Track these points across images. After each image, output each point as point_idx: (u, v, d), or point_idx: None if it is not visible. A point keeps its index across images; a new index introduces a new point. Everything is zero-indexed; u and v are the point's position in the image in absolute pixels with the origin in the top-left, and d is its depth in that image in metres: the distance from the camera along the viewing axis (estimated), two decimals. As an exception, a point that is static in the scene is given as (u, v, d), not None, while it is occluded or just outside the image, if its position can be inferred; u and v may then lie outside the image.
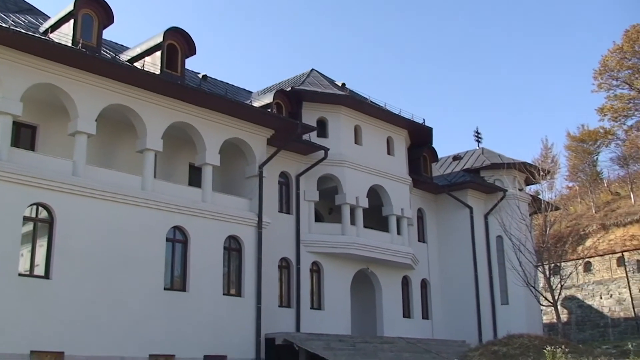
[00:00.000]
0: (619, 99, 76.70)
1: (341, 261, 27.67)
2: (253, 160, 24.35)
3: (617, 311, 40.30)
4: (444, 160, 37.03)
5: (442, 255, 33.02)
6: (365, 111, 29.37)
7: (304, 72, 31.16)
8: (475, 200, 33.28)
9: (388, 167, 29.79)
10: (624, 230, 51.39)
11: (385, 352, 24.53)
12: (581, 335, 39.77)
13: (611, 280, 41.67)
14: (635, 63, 75.38)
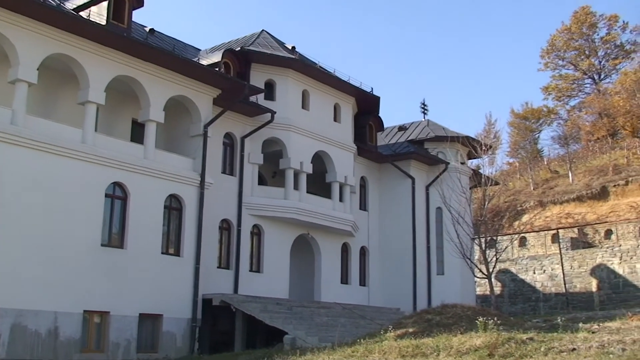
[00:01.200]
0: (564, 79, 78.20)
1: (282, 225, 27.67)
2: (198, 119, 24.02)
3: (548, 286, 41.43)
4: (389, 130, 37.18)
5: (383, 224, 33.32)
6: (313, 76, 29.20)
7: (255, 32, 30.75)
8: (417, 172, 33.59)
9: (334, 134, 29.79)
10: (560, 208, 52.73)
11: (321, 316, 24.77)
12: (513, 308, 40.82)
13: (545, 256, 42.78)
14: (581, 44, 76.76)
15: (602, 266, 40.01)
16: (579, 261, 40.98)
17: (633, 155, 56.98)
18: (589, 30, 76.30)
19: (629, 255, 39.32)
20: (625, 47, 76.32)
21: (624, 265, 39.22)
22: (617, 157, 58.12)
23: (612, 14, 76.07)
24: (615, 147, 62.34)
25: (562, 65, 78.73)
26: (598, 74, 77.61)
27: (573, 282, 40.54)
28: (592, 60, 76.69)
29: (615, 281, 39.23)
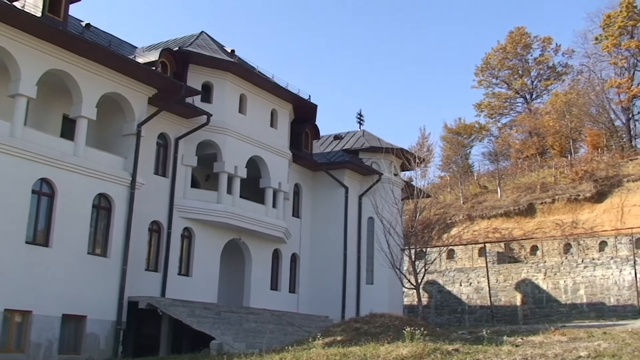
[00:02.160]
0: (497, 97, 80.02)
1: (214, 229, 27.40)
2: (132, 118, 23.60)
3: (474, 299, 42.17)
4: (325, 139, 37.32)
5: (315, 232, 33.35)
6: (252, 80, 29.08)
7: (194, 33, 30.44)
8: (351, 181, 33.79)
9: (270, 140, 29.71)
10: (488, 222, 53.79)
11: (249, 322, 24.60)
12: (439, 319, 41.37)
13: (472, 269, 43.53)
14: (515, 64, 78.73)
15: (527, 281, 40.97)
16: (505, 275, 41.86)
17: (560, 174, 58.58)
18: (523, 50, 78.37)
19: (553, 272, 40.38)
20: (557, 69, 78.70)
21: (548, 281, 40.24)
22: (545, 176, 59.67)
23: (546, 36, 78.39)
24: (543, 165, 63.98)
25: (495, 84, 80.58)
26: (530, 94, 79.69)
27: (498, 296, 41.38)
28: (524, 80, 78.72)
29: (539, 296, 40.21)
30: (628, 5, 68.16)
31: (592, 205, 52.07)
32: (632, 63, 69.55)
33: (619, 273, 38.49)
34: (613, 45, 68.53)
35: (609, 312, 37.34)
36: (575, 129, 68.40)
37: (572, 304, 39.11)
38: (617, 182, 53.41)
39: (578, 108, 67.97)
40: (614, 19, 68.79)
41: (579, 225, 50.10)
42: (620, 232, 45.19)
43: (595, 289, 38.83)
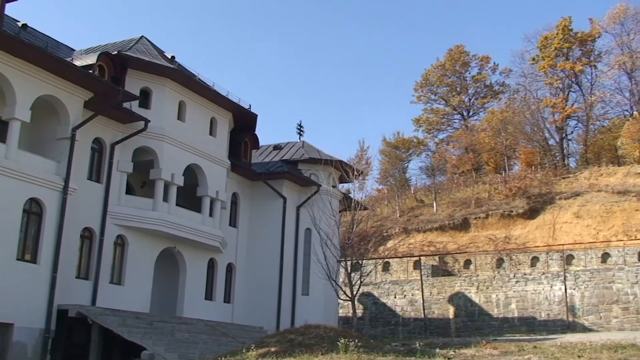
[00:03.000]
0: (435, 112, 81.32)
1: (148, 237, 26.92)
2: (67, 122, 23.04)
3: (408, 311, 42.54)
4: (264, 149, 37.20)
5: (251, 242, 33.11)
6: (192, 88, 28.78)
7: (134, 37, 30.00)
8: (289, 191, 33.73)
9: (208, 148, 29.43)
10: (424, 236, 54.46)
11: (182, 332, 24.22)
12: (373, 330, 41.56)
13: (406, 282, 43.95)
14: (453, 81, 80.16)
15: (460, 294, 41.57)
16: (439, 288, 42.39)
17: (494, 190, 59.77)
18: (461, 68, 79.91)
19: (485, 285, 41.07)
20: (494, 87, 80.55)
21: (480, 295, 40.90)
22: (480, 191, 60.81)
23: (484, 55, 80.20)
24: (478, 181, 65.18)
25: (434, 100, 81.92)
26: (467, 111, 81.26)
27: (432, 308, 41.85)
28: (462, 97, 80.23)
29: (471, 309, 40.82)
30: (564, 27, 70.25)
31: (524, 221, 53.28)
32: (567, 84, 71.63)
33: (549, 288, 39.39)
34: (549, 66, 70.50)
35: (539, 327, 38.16)
36: (510, 146, 70.01)
37: (504, 317, 39.83)
38: (550, 199, 54.80)
39: (513, 126, 69.61)
40: (551, 41, 70.79)
41: (511, 240, 51.17)
42: (551, 248, 46.33)
43: (526, 304, 39.64)
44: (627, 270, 38.24)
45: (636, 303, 37.01)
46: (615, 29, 70.14)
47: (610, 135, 68.00)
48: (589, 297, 38.24)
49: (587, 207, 52.20)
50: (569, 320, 38.05)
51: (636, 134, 62.69)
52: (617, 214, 50.32)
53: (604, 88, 71.03)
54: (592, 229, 49.91)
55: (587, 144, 69.68)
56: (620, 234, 47.96)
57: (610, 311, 37.43)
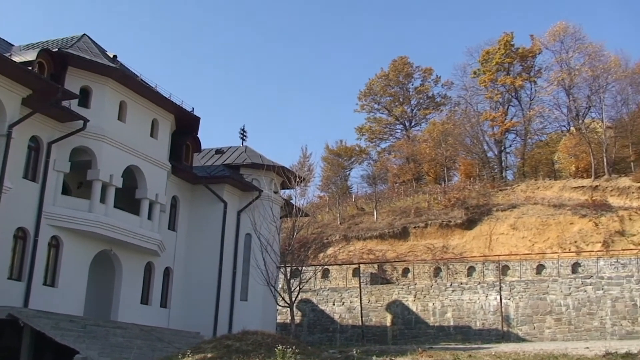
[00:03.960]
0: (378, 122, 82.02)
1: (84, 239, 26.31)
2: (3, 119, 22.35)
3: (346, 318, 42.67)
4: (206, 152, 36.84)
5: (190, 246, 32.66)
6: (133, 88, 28.31)
7: (75, 35, 29.37)
8: (231, 196, 33.46)
9: (149, 150, 28.97)
10: (363, 243, 54.75)
11: (116, 337, 23.73)
12: (311, 337, 41.55)
13: (345, 289, 44.09)
14: (397, 92, 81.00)
15: (398, 302, 41.91)
16: (377, 296, 42.66)
17: (434, 200, 60.54)
18: (405, 79, 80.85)
19: (422, 294, 41.51)
20: (436, 99, 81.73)
21: (417, 303, 41.30)
22: (420, 201, 61.52)
23: (427, 67, 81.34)
24: (418, 191, 65.92)
25: (377, 109, 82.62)
26: (409, 121, 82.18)
27: (369, 316, 42.07)
28: (404, 108, 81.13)
29: (408, 317, 41.20)
30: (506, 43, 71.77)
31: (462, 231, 54.10)
32: (507, 98, 73.19)
33: (485, 298, 40.05)
34: (490, 80, 71.89)
35: (474, 336, 38.73)
36: (450, 157, 71.05)
37: (440, 326, 40.32)
38: (487, 210, 55.80)
39: (454, 138, 70.71)
40: (492, 55, 72.22)
41: (449, 250, 51.87)
42: (487, 259, 47.14)
43: (462, 313, 40.20)
44: (561, 282, 39.16)
45: (569, 314, 37.92)
46: (555, 46, 72.09)
47: (548, 149, 69.68)
48: (523, 308, 39.00)
49: (523, 219, 53.31)
50: (503, 330, 38.74)
51: (572, 149, 64.38)
52: (552, 226, 51.54)
53: (543, 103, 72.87)
54: (527, 240, 50.99)
55: (525, 157, 71.22)
56: (555, 246, 49.11)
57: (543, 322, 38.27)
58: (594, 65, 68.00)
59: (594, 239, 48.94)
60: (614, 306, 37.32)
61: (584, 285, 38.42)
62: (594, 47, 69.69)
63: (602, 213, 51.73)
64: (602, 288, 37.96)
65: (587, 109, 70.48)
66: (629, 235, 48.79)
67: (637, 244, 46.84)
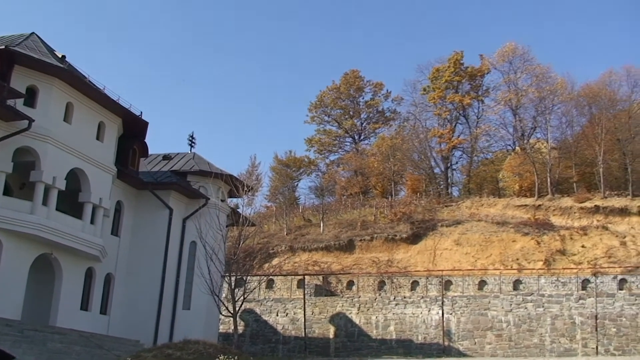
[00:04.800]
0: (327, 134, 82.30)
1: (25, 241, 25.63)
2: (-57, 115, 21.77)
3: (289, 329, 42.49)
4: (153, 158, 36.37)
5: (133, 252, 32.10)
6: (81, 89, 27.82)
7: (24, 33, 28.75)
8: (177, 203, 33.07)
9: (94, 153, 28.48)
10: (309, 255, 54.71)
11: (54, 342, 23.21)
12: (253, 348, 41.22)
13: (289, 300, 43.93)
14: (347, 104, 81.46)
15: (341, 314, 41.94)
16: (321, 308, 42.62)
17: (380, 214, 60.88)
18: (355, 92, 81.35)
19: (366, 307, 41.63)
20: (386, 114, 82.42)
21: (360, 316, 41.40)
22: (366, 214, 61.81)
23: (378, 82, 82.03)
24: (365, 204, 66.21)
25: (327, 121, 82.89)
26: (358, 135, 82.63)
27: (313, 328, 41.98)
28: (354, 121, 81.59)
29: (351, 330, 41.25)
30: (456, 61, 72.88)
31: (407, 245, 54.53)
32: (455, 116, 74.22)
33: (427, 312, 40.37)
34: (439, 97, 72.85)
35: (415, 350, 39.00)
36: (397, 172, 71.67)
37: (382, 339, 40.47)
38: (432, 226, 56.39)
39: (402, 153, 71.39)
40: (442, 73, 73.25)
41: (394, 263, 52.19)
42: (431, 273, 47.57)
43: (404, 326, 40.43)
44: (502, 298, 39.74)
45: (509, 330, 38.48)
46: (503, 67, 73.40)
47: (493, 167, 70.82)
48: (464, 323, 39.43)
49: (467, 235, 54.02)
50: (444, 344, 39.08)
51: (517, 168, 65.59)
52: (495, 243, 52.33)
53: (489, 122, 74.03)
54: (470, 256, 51.64)
55: (470, 174, 72.26)
56: (497, 262, 49.84)
57: (484, 337, 38.75)
58: (540, 86, 69.42)
59: (535, 257, 49.84)
60: (554, 324, 38.04)
61: (525, 302, 39.07)
62: (542, 68, 71.22)
63: (544, 232, 52.77)
64: (542, 305, 38.66)
65: (533, 129, 71.90)
66: (570, 255, 49.83)
67: (577, 263, 47.86)
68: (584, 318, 37.71)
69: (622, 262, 47.45)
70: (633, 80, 66.21)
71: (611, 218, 54.96)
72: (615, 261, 47.80)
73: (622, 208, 55.63)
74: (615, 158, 63.57)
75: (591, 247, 50.44)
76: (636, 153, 61.54)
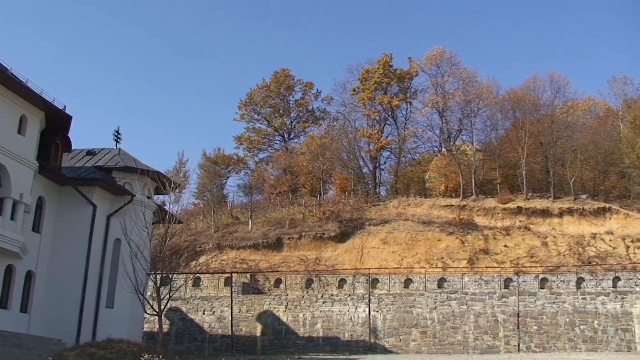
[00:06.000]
0: (257, 132, 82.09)
1: (-62, 238, 24.71)
2: None
3: (216, 328, 42.17)
4: (77, 153, 35.43)
5: (55, 249, 31.20)
6: (2, 81, 26.91)
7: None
8: (101, 199, 32.35)
9: (15, 147, 27.57)
10: (237, 253, 54.48)
11: (-31, 342, 22.43)
12: (179, 347, 40.76)
13: (216, 298, 43.61)
14: (277, 103, 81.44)
15: (269, 312, 41.88)
16: (248, 306, 42.46)
17: (309, 213, 61.10)
18: (285, 91, 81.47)
19: (294, 305, 41.69)
20: (316, 113, 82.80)
21: (288, 314, 41.43)
22: (295, 213, 61.94)
23: (308, 81, 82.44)
24: (294, 202, 66.36)
25: (257, 119, 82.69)
26: (288, 133, 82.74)
27: (240, 326, 41.79)
28: (284, 120, 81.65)
29: (278, 328, 41.24)
30: (385, 63, 73.80)
31: (335, 244, 54.90)
32: (383, 117, 75.12)
33: (354, 310, 40.71)
34: (368, 98, 73.58)
35: (342, 347, 39.29)
36: (326, 171, 72.08)
37: (309, 337, 40.60)
38: (360, 224, 56.94)
39: (331, 152, 71.84)
40: (372, 74, 74.05)
41: (322, 262, 52.46)
42: (358, 272, 48.02)
43: (331, 324, 40.66)
44: (427, 296, 40.41)
45: (434, 328, 39.17)
46: (431, 70, 74.80)
47: (420, 168, 72.04)
48: (390, 320, 39.92)
49: (394, 234, 54.74)
50: (370, 341, 39.48)
51: (443, 169, 66.91)
52: (421, 242, 53.20)
53: (417, 124, 75.31)
54: (397, 255, 52.36)
55: (398, 174, 73.27)
56: (423, 261, 50.68)
57: (409, 334, 39.33)
58: (467, 90, 70.99)
59: (459, 256, 50.90)
60: (477, 321, 38.89)
61: (449, 300, 39.83)
62: (468, 73, 72.89)
63: (468, 231, 53.94)
64: (466, 303, 39.49)
65: (459, 132, 73.45)
66: (493, 254, 51.08)
67: (500, 263, 49.08)
68: (506, 316, 38.69)
69: (544, 261, 48.92)
70: (556, 86, 68.57)
71: (533, 219, 56.67)
72: (536, 261, 49.25)
73: (543, 209, 57.41)
74: (538, 161, 65.60)
75: (514, 247, 51.85)
76: (558, 156, 63.63)
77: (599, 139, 65.65)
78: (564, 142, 64.93)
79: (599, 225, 55.15)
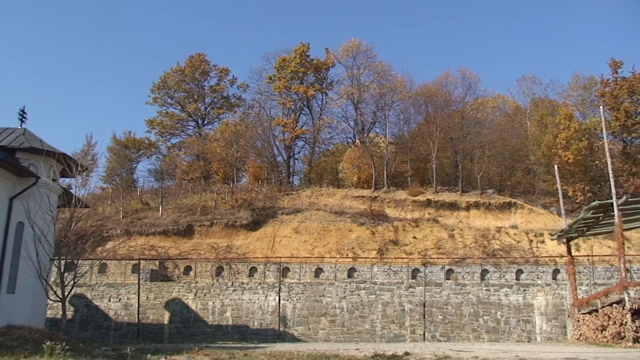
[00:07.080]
0: (170, 116, 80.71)
1: None
2: None
3: (122, 315, 41.25)
4: (-22, 132, 33.91)
5: (-47, 232, 29.84)
6: None
7: None
8: (3, 181, 30.96)
9: None
10: (146, 239, 53.43)
11: None
12: (83, 334, 39.67)
13: (123, 285, 42.63)
14: (191, 88, 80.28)
15: (177, 300, 41.25)
16: (156, 293, 41.71)
17: (221, 200, 60.56)
18: (200, 76, 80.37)
19: (203, 292, 41.21)
20: (231, 99, 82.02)
21: (197, 301, 40.93)
22: (207, 200, 61.26)
23: (224, 67, 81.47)
24: (206, 189, 65.66)
25: (170, 104, 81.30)
26: (202, 119, 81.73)
27: (147, 313, 41.00)
28: (198, 105, 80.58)
29: (187, 315, 40.69)
30: (302, 53, 73.85)
31: (247, 232, 54.64)
32: (299, 106, 75.26)
33: (264, 298, 40.59)
34: (284, 87, 73.52)
35: (251, 335, 39.13)
36: (240, 158, 71.68)
37: (218, 325, 40.25)
38: (273, 213, 56.87)
39: (245, 140, 71.49)
40: (288, 63, 74.00)
41: (233, 250, 52.13)
42: (269, 260, 47.97)
43: (241, 312, 40.43)
44: (337, 285, 40.71)
45: (342, 317, 39.52)
46: (348, 62, 75.38)
47: (333, 159, 72.59)
48: (300, 309, 40.02)
49: (306, 223, 54.93)
50: (280, 330, 39.48)
51: (356, 161, 67.61)
52: (333, 232, 53.58)
53: (332, 115, 75.84)
54: (309, 244, 52.57)
55: (312, 164, 73.59)
56: (334, 251, 51.07)
57: (318, 323, 39.55)
58: (381, 83, 71.92)
59: (370, 247, 51.55)
60: (385, 310, 39.46)
61: (358, 290, 40.25)
62: (383, 66, 73.84)
63: (379, 222, 54.70)
64: (374, 293, 40.00)
65: (373, 124, 74.37)
66: (402, 245, 51.97)
67: (408, 254, 49.98)
68: (413, 305, 39.42)
69: (450, 253, 50.13)
70: (467, 82, 70.36)
71: (442, 212, 58.05)
72: (443, 252, 50.43)
73: (452, 203, 58.88)
74: (448, 155, 67.21)
75: (422, 238, 52.92)
76: (467, 151, 65.34)
77: (506, 135, 67.80)
78: (473, 137, 66.74)
79: (504, 219, 57.02)
